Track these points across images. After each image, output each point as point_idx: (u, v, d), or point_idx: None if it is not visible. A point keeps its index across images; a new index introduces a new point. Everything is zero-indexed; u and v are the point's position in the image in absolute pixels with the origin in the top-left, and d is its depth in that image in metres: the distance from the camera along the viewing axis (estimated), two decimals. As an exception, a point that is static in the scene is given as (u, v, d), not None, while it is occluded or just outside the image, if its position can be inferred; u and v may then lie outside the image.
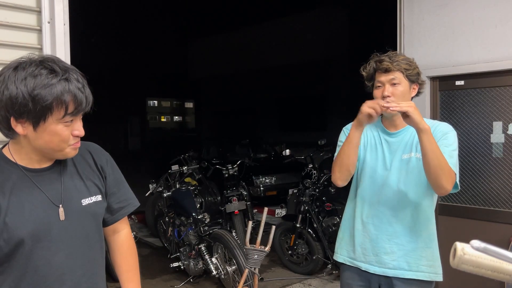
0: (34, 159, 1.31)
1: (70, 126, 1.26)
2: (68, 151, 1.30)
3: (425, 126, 1.68)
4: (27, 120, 1.21)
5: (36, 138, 1.24)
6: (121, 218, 1.52)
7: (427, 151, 1.69)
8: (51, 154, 1.30)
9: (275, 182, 7.95)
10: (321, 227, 4.53)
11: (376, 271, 1.92)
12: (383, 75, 1.86)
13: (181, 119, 29.71)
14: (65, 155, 1.31)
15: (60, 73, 1.21)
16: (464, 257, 0.77)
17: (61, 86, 1.19)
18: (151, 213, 6.22)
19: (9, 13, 1.95)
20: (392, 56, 1.88)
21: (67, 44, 2.08)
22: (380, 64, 1.87)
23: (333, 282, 4.47)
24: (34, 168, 1.31)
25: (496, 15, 3.00)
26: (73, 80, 1.23)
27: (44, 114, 1.20)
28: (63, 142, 1.27)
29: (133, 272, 1.54)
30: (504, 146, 3.09)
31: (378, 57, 1.91)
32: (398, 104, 1.69)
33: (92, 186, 1.41)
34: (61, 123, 1.23)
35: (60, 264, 1.31)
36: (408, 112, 1.66)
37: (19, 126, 1.22)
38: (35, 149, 1.28)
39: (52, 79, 1.19)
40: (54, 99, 1.19)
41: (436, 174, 1.71)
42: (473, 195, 3.22)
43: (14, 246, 1.24)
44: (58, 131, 1.24)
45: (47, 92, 1.18)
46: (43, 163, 1.33)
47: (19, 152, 1.30)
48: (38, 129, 1.22)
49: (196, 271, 4.33)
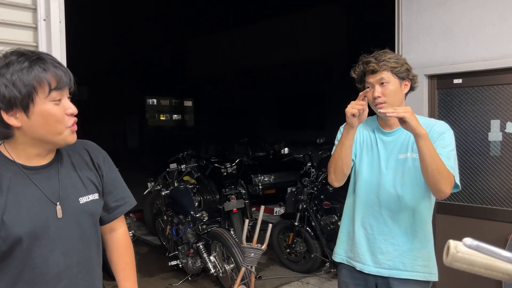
0: (32, 154, 1.30)
1: (60, 105, 1.27)
2: (67, 134, 1.29)
3: (422, 131, 1.66)
4: (17, 109, 1.22)
5: (32, 125, 1.24)
6: (118, 216, 1.52)
7: (424, 156, 1.68)
8: (51, 140, 1.29)
9: (273, 181, 7.95)
10: (319, 226, 4.53)
11: (371, 271, 1.92)
12: (371, 76, 1.86)
13: (180, 117, 29.72)
14: (65, 139, 1.30)
15: (30, 55, 1.24)
16: (457, 255, 0.77)
17: (36, 66, 1.22)
18: (149, 212, 6.22)
19: (4, 10, 1.94)
20: (379, 56, 1.86)
21: (63, 42, 2.07)
22: (367, 66, 1.87)
23: (331, 280, 4.48)
24: (31, 166, 1.31)
25: (494, 14, 3.00)
26: (45, 58, 1.25)
27: (30, 95, 1.21)
28: (59, 122, 1.26)
29: (129, 271, 1.55)
30: (501, 145, 3.09)
31: (365, 58, 1.90)
32: (395, 110, 1.68)
33: (90, 184, 1.41)
34: (50, 101, 1.24)
35: (57, 262, 1.31)
36: (405, 118, 1.65)
37: (12, 119, 1.22)
38: (33, 141, 1.28)
39: (23, 62, 1.21)
40: (34, 78, 1.21)
41: (434, 178, 1.70)
42: (471, 194, 3.22)
43: (12, 244, 1.24)
44: (50, 110, 1.24)
45: (24, 74, 1.20)
46: (41, 159, 1.33)
47: (16, 149, 1.29)
48: (30, 115, 1.22)
49: (194, 270, 4.33)
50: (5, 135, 1.27)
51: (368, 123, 2.02)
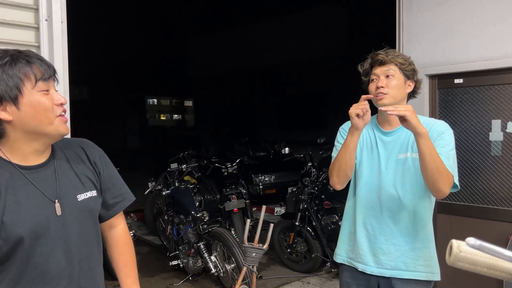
0: (27, 152, 1.30)
1: (49, 96, 1.29)
2: (58, 123, 1.31)
3: (422, 130, 1.67)
4: (7, 103, 1.24)
5: (23, 117, 1.25)
6: (117, 213, 1.53)
7: (424, 155, 1.69)
8: (44, 130, 1.29)
9: (274, 181, 7.95)
10: (320, 225, 4.53)
11: (373, 271, 1.92)
12: (378, 67, 1.88)
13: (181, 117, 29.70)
14: (57, 129, 1.31)
15: (11, 52, 1.27)
16: (460, 254, 0.77)
17: (19, 59, 1.25)
18: (150, 211, 6.22)
19: (6, 10, 1.94)
20: (388, 51, 1.91)
21: (64, 42, 2.07)
22: (376, 57, 1.90)
23: (332, 280, 4.48)
24: (27, 165, 1.31)
25: (495, 13, 3.00)
26: (28, 53, 1.29)
27: (18, 86, 1.24)
28: (49, 111, 1.28)
29: (130, 267, 1.56)
30: (502, 144, 3.09)
31: (375, 53, 1.93)
32: (396, 108, 1.68)
33: (87, 182, 1.41)
34: (37, 91, 1.27)
35: (59, 260, 1.32)
36: (406, 116, 1.65)
37: (3, 113, 1.24)
38: (26, 135, 1.28)
39: (5, 57, 1.25)
40: (19, 71, 1.24)
41: (433, 177, 1.70)
42: (472, 193, 3.22)
43: (13, 244, 1.24)
44: (39, 100, 1.27)
45: (8, 68, 1.24)
46: (37, 158, 1.33)
47: (10, 149, 1.30)
48: (20, 106, 1.24)
49: (195, 269, 4.33)
50: None
51: (369, 123, 2.02)
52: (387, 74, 1.86)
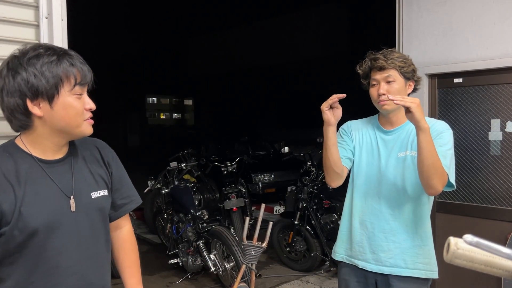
0: (47, 147, 1.33)
1: (81, 100, 1.32)
2: (85, 126, 1.34)
3: (425, 125, 1.68)
4: (42, 99, 1.26)
5: (53, 116, 1.28)
6: (124, 214, 1.56)
7: (423, 150, 1.70)
8: (70, 131, 1.33)
9: (273, 179, 7.96)
10: (319, 224, 4.54)
11: (373, 268, 1.93)
12: (378, 73, 1.87)
13: (180, 116, 29.72)
14: (83, 132, 1.35)
15: (58, 50, 1.29)
16: (457, 251, 0.77)
17: (64, 59, 1.28)
18: (149, 210, 6.23)
19: (6, 8, 1.94)
20: (387, 54, 1.88)
21: (64, 40, 2.06)
22: (375, 62, 1.87)
23: (331, 279, 4.48)
24: (46, 160, 1.33)
25: (495, 13, 3.00)
26: (72, 54, 1.31)
27: (57, 86, 1.26)
28: (78, 115, 1.31)
29: (135, 268, 1.58)
30: (502, 144, 3.09)
31: (373, 55, 1.91)
32: (403, 99, 1.68)
33: (100, 180, 1.44)
34: (72, 95, 1.29)
35: (70, 255, 1.33)
36: (411, 108, 1.65)
37: (36, 108, 1.26)
38: (52, 132, 1.31)
39: (52, 55, 1.27)
40: (62, 71, 1.27)
41: (429, 173, 1.71)
42: (471, 193, 3.23)
43: (28, 236, 1.26)
44: (72, 103, 1.29)
45: (53, 66, 1.26)
46: (55, 153, 1.35)
47: (33, 142, 1.32)
48: (54, 105, 1.27)
49: (194, 268, 4.34)
50: (23, 124, 1.30)
51: (369, 122, 2.03)
52: (387, 80, 1.85)
